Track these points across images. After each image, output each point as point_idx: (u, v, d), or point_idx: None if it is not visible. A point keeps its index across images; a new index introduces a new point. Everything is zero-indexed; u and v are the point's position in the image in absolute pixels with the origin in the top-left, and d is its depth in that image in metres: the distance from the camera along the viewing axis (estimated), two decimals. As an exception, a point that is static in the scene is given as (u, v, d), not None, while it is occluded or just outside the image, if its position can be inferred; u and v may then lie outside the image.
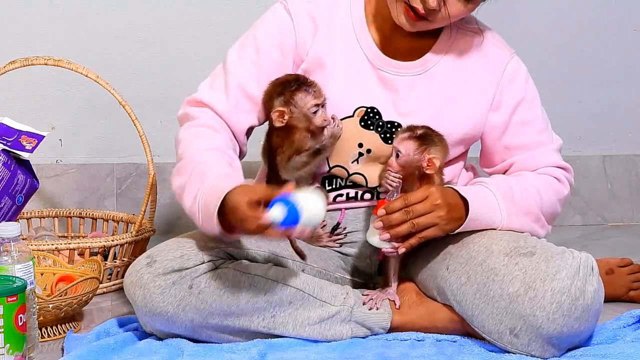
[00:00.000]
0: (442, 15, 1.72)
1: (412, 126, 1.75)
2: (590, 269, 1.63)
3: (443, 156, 1.73)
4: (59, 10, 2.56)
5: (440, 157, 1.72)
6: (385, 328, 1.74)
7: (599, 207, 2.97)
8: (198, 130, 1.77)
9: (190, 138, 1.76)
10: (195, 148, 1.72)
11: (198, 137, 1.75)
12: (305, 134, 1.77)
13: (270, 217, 1.51)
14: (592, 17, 2.90)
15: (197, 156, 1.70)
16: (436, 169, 1.71)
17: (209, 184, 1.62)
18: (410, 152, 1.71)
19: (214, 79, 1.85)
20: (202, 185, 1.63)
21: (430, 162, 1.71)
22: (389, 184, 1.73)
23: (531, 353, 1.63)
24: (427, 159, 1.71)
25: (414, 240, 1.69)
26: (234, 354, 1.62)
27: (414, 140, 1.71)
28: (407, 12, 1.72)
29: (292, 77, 1.78)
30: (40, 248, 2.01)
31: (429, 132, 1.73)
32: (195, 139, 1.75)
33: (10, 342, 1.51)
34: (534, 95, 1.87)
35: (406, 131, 1.74)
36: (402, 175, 1.72)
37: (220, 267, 1.68)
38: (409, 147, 1.71)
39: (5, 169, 2.04)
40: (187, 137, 1.76)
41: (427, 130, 1.74)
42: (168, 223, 2.65)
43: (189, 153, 1.72)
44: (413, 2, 1.70)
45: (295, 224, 1.52)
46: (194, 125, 1.79)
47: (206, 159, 1.69)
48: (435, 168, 1.71)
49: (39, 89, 2.57)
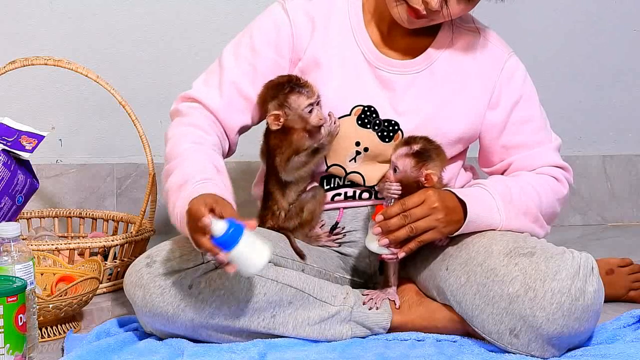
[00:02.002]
0: (443, 14, 1.72)
1: (410, 138, 1.74)
2: (590, 269, 1.63)
3: (441, 168, 1.74)
4: (59, 10, 2.56)
5: (437, 172, 1.72)
6: (385, 328, 1.74)
7: (599, 207, 2.97)
8: (186, 130, 1.76)
9: (177, 138, 1.75)
10: (182, 149, 1.70)
11: (185, 137, 1.74)
12: (303, 134, 1.77)
13: (210, 222, 1.49)
14: (592, 17, 2.90)
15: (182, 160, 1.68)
16: (434, 183, 1.71)
17: (184, 195, 1.59)
18: (408, 169, 1.71)
19: (209, 76, 1.85)
20: (179, 196, 1.61)
21: (427, 178, 1.71)
22: (392, 195, 1.72)
23: (531, 353, 1.63)
24: (425, 175, 1.71)
25: (413, 244, 1.69)
26: (234, 354, 1.62)
27: (411, 157, 1.71)
28: (408, 11, 1.73)
29: (284, 78, 1.78)
30: (40, 248, 2.01)
31: (427, 147, 1.72)
32: (182, 140, 1.73)
33: (10, 342, 1.51)
34: (532, 94, 1.87)
35: (404, 145, 1.73)
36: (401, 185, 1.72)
37: (220, 267, 1.67)
38: (406, 164, 1.71)
39: (5, 169, 2.04)
40: (175, 137, 1.75)
41: (425, 144, 1.72)
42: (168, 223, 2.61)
43: (176, 154, 1.70)
44: (414, 3, 1.71)
45: (225, 248, 1.50)
46: (183, 123, 1.78)
47: (190, 164, 1.67)
48: (433, 183, 1.71)
49: (39, 89, 2.57)
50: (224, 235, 1.50)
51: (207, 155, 1.71)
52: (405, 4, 1.72)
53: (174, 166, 1.68)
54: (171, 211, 1.64)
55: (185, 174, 1.64)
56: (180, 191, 1.61)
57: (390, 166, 1.73)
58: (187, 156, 1.69)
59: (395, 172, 1.72)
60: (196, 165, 1.67)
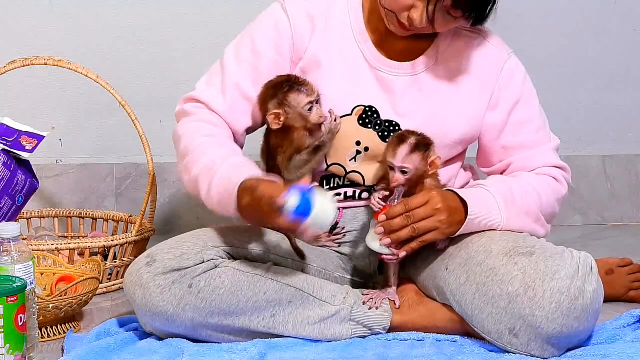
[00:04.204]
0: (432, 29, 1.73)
1: (399, 137, 1.73)
2: (590, 269, 1.63)
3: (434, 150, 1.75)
4: (59, 10, 2.57)
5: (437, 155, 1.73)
6: (385, 328, 1.74)
7: (599, 207, 2.97)
8: (198, 125, 1.77)
9: (192, 133, 1.76)
10: (199, 142, 1.73)
11: (199, 131, 1.75)
12: (304, 133, 1.78)
13: (286, 200, 1.52)
14: (592, 18, 2.90)
15: (202, 149, 1.71)
16: (438, 166, 1.72)
17: (222, 174, 1.64)
18: (417, 164, 1.71)
19: (211, 77, 1.85)
20: (215, 175, 1.64)
21: (432, 164, 1.72)
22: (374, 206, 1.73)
23: (531, 353, 1.63)
24: (430, 162, 1.71)
25: (414, 244, 1.69)
26: (234, 354, 1.62)
27: (415, 152, 1.70)
28: (397, 23, 1.74)
29: (283, 78, 1.78)
30: (40, 248, 2.01)
31: (419, 136, 1.72)
32: (196, 134, 1.75)
33: (10, 342, 1.51)
34: (531, 95, 1.87)
35: (400, 144, 1.71)
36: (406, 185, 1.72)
37: (220, 267, 1.68)
38: (415, 160, 1.70)
39: (5, 169, 2.04)
40: (188, 132, 1.77)
41: (415, 135, 1.72)
42: (168, 223, 2.65)
43: (193, 147, 1.72)
44: (402, 18, 1.72)
45: (305, 216, 1.52)
46: (193, 120, 1.79)
47: (212, 151, 1.70)
48: (438, 166, 1.72)
49: (39, 89, 2.58)
50: (301, 205, 1.52)
51: (225, 143, 1.74)
52: (395, 16, 1.73)
53: (194, 159, 1.70)
54: (205, 196, 1.67)
55: (210, 161, 1.67)
56: (214, 176, 1.64)
57: (396, 170, 1.72)
58: (207, 146, 1.71)
59: (405, 173, 1.71)
60: (221, 150, 1.70)
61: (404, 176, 1.71)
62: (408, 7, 1.71)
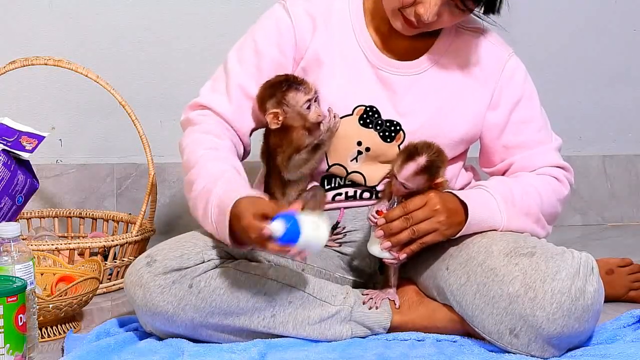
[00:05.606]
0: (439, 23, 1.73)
1: (412, 150, 1.69)
2: (590, 269, 1.63)
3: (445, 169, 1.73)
4: (59, 10, 2.56)
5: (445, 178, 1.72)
6: (385, 327, 1.74)
7: (599, 207, 2.97)
8: (200, 137, 1.77)
9: (192, 147, 1.76)
10: (199, 156, 1.72)
11: (200, 145, 1.75)
12: (303, 132, 1.78)
13: (271, 229, 1.52)
14: (592, 17, 2.90)
15: (202, 167, 1.70)
16: (444, 187, 1.72)
17: (215, 199, 1.63)
18: (421, 185, 1.69)
19: (215, 82, 1.85)
20: (209, 199, 1.64)
21: (438, 185, 1.71)
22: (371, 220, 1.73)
23: (531, 353, 1.63)
24: (435, 184, 1.70)
25: (414, 246, 1.69)
26: (234, 354, 1.62)
27: (421, 175, 1.68)
28: (403, 20, 1.73)
29: (281, 77, 1.78)
30: (40, 248, 2.01)
31: (432, 159, 1.68)
32: (197, 148, 1.74)
33: (10, 342, 1.51)
34: (532, 94, 1.87)
35: (408, 161, 1.68)
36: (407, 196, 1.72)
37: (220, 267, 1.68)
38: (419, 181, 1.69)
39: (5, 169, 2.04)
40: (190, 145, 1.77)
41: (429, 154, 1.68)
42: (168, 223, 2.65)
43: (194, 162, 1.72)
44: (408, 15, 1.72)
45: (293, 242, 1.53)
46: (197, 131, 1.79)
47: (211, 168, 1.69)
48: (444, 187, 1.72)
49: (39, 89, 2.57)
50: (287, 233, 1.52)
51: (223, 159, 1.72)
52: (401, 14, 1.73)
53: (194, 175, 1.70)
54: (202, 221, 1.67)
55: (207, 181, 1.66)
56: (209, 200, 1.63)
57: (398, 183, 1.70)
58: (204, 163, 1.70)
59: (406, 187, 1.70)
60: (215, 169, 1.69)
61: (405, 189, 1.71)
62: (413, 1, 1.70)
